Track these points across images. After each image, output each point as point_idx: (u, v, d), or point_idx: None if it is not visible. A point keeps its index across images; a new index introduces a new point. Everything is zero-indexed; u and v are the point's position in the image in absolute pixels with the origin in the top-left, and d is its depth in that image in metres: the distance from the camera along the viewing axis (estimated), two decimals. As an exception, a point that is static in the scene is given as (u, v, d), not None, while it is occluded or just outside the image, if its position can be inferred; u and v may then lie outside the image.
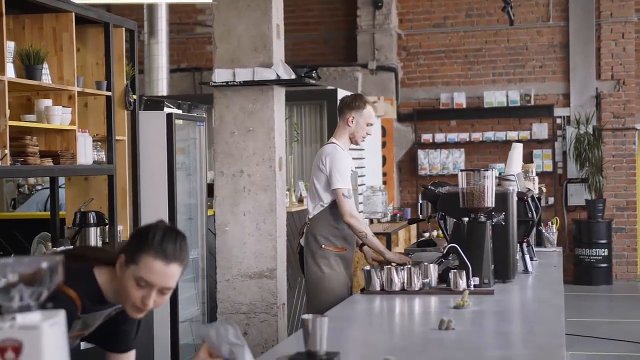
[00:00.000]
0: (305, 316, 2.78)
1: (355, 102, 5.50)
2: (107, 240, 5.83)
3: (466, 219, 4.50)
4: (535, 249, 5.95)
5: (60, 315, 1.82)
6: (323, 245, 5.37)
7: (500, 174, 5.47)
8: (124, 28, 6.11)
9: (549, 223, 6.65)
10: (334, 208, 5.32)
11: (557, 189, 12.94)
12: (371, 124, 5.52)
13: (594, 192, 12.65)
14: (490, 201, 4.50)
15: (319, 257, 5.37)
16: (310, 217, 5.48)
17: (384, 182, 12.49)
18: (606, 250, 12.55)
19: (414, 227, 11.62)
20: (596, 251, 12.53)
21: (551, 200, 12.85)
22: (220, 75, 6.03)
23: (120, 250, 2.71)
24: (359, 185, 10.32)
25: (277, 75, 6.01)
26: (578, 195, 12.89)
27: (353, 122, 5.46)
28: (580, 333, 9.04)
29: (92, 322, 2.80)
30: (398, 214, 11.34)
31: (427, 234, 12.67)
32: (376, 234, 9.38)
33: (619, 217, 12.89)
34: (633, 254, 12.95)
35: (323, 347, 2.80)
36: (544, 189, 11.08)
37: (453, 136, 13.16)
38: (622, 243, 12.91)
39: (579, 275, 12.64)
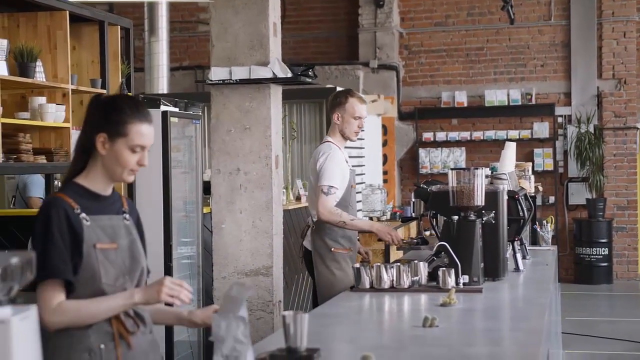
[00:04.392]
0: (286, 313, 2.80)
1: (337, 98, 5.45)
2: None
3: (456, 217, 4.51)
4: (530, 248, 5.95)
5: (32, 310, 1.84)
6: (333, 249, 5.32)
7: (492, 172, 5.49)
8: (119, 26, 6.14)
9: (544, 222, 6.65)
10: (340, 208, 5.27)
11: (558, 188, 12.95)
12: (359, 117, 5.41)
13: (595, 191, 12.65)
14: (480, 200, 4.50)
15: (329, 260, 5.31)
16: (315, 219, 5.38)
17: (385, 181, 12.51)
18: (607, 249, 12.55)
19: (414, 225, 11.64)
20: (597, 250, 12.53)
21: (552, 199, 12.85)
22: (216, 73, 6.05)
23: (92, 132, 2.87)
24: (359, 183, 10.38)
25: (274, 73, 6.02)
26: (579, 194, 12.90)
27: (339, 119, 5.41)
28: (580, 332, 9.05)
29: (108, 230, 2.91)
30: (398, 212, 11.34)
31: (428, 232, 12.69)
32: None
33: (620, 216, 12.89)
34: (633, 253, 12.95)
35: (303, 343, 2.82)
36: (541, 188, 11.09)
37: (454, 135, 13.17)
38: (623, 242, 12.90)
39: (580, 274, 12.64)
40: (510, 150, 5.62)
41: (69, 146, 5.40)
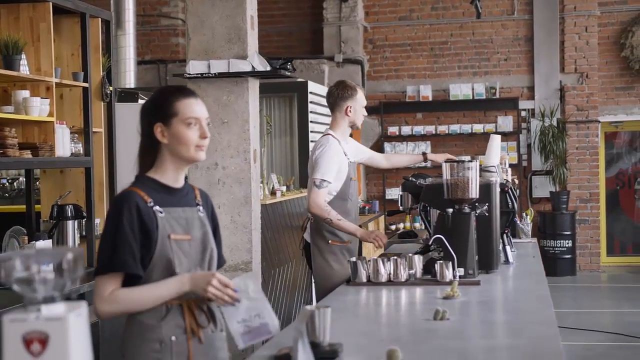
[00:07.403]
0: (309, 307, 2.77)
1: (347, 91, 5.44)
2: (84, 234, 5.76)
3: (450, 210, 4.51)
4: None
5: (83, 307, 1.79)
6: (330, 241, 5.30)
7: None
8: (100, 19, 6.03)
9: (524, 214, 6.69)
10: (338, 201, 5.26)
11: (522, 181, 13.05)
12: (364, 104, 5.55)
13: (558, 184, 12.78)
14: (474, 192, 4.51)
15: (326, 253, 5.30)
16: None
17: (351, 175, 12.50)
18: (570, 241, 12.69)
19: (382, 219, 11.66)
20: (560, 242, 12.66)
21: (516, 192, 12.94)
22: (194, 66, 5.99)
23: (149, 128, 2.93)
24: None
25: (252, 67, 5.98)
26: (542, 187, 13.02)
27: (351, 111, 5.44)
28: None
29: (182, 222, 2.92)
30: (367, 207, 11.36)
31: (393, 227, 12.73)
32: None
33: (583, 208, 13.04)
34: (596, 245, 13.11)
35: (326, 337, 2.80)
36: (517, 180, 11.16)
37: (419, 129, 13.20)
38: (586, 234, 13.06)
39: (544, 266, 12.72)
40: (496, 143, 5.63)
41: (53, 140, 5.29)
